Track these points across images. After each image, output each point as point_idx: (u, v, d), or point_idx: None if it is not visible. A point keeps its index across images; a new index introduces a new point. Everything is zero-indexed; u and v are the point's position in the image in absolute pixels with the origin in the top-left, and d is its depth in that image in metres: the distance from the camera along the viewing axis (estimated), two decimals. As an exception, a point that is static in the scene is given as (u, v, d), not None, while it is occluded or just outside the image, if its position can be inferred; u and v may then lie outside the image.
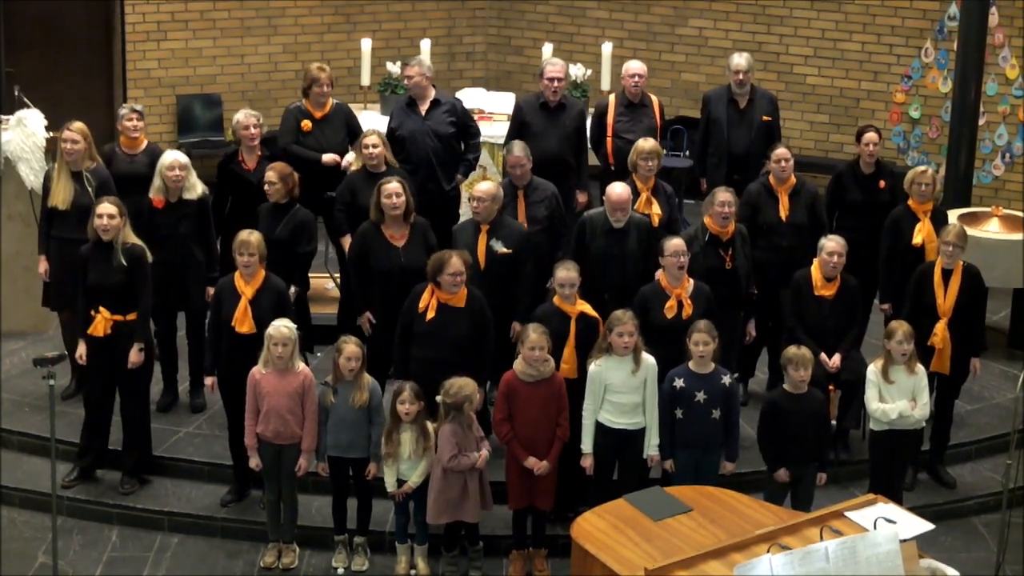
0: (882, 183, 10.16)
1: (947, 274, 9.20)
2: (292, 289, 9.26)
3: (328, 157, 10.28)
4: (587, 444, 8.45)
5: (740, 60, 10.98)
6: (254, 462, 8.52)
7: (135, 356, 8.93)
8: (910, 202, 9.84)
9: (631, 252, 9.20)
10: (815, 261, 9.26)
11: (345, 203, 9.83)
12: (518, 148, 9.75)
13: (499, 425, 8.38)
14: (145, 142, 10.14)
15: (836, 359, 9.10)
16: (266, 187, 9.50)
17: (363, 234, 9.29)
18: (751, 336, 9.58)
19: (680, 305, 8.75)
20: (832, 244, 9.16)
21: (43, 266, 9.70)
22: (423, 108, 10.59)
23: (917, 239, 9.66)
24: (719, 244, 9.29)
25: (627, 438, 8.42)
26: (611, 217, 9.21)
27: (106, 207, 8.85)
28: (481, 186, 9.28)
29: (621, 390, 8.33)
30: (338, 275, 10.58)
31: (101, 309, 8.86)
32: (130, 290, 8.91)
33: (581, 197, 10.69)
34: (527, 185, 9.68)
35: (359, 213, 9.57)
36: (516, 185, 9.66)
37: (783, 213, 9.79)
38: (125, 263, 8.86)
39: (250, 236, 8.80)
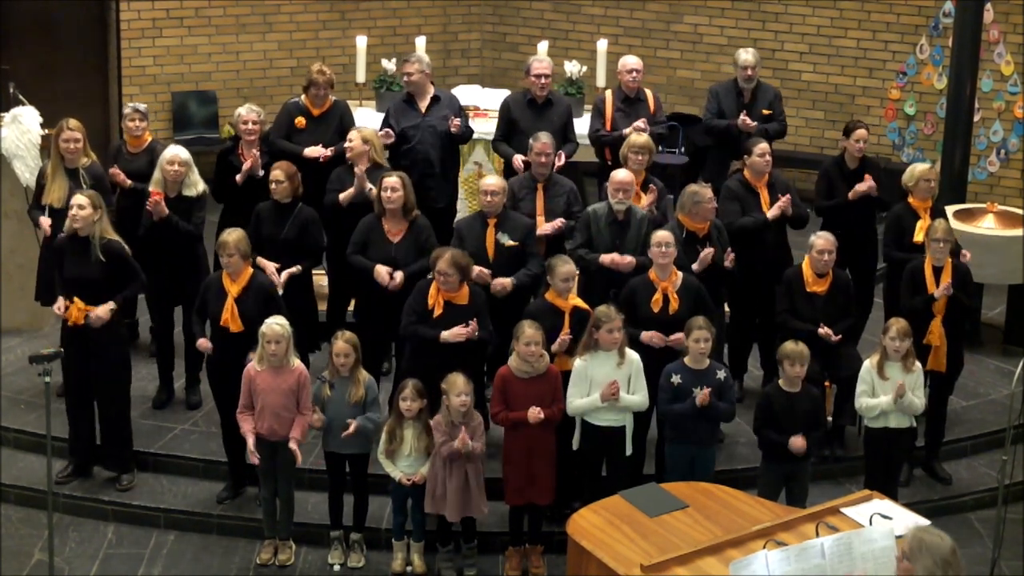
0: (867, 177, 10.18)
1: (937, 271, 9.21)
2: (296, 268, 9.34)
3: (310, 150, 10.27)
4: (576, 441, 8.48)
5: (748, 56, 11.05)
6: (251, 443, 8.40)
7: (103, 311, 8.79)
8: (911, 200, 9.85)
9: (632, 244, 9.22)
10: (806, 258, 9.27)
11: (333, 191, 9.93)
12: (545, 135, 9.76)
13: (495, 416, 8.39)
14: (148, 140, 10.16)
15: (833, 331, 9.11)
16: (273, 185, 9.47)
17: (365, 225, 9.37)
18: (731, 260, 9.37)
19: (666, 299, 8.76)
20: (822, 242, 9.16)
21: (45, 221, 9.63)
22: (423, 105, 10.58)
23: (919, 236, 9.65)
24: (696, 241, 9.28)
25: (611, 436, 8.42)
26: (613, 200, 9.23)
27: (78, 198, 8.84)
28: (490, 180, 9.32)
29: (606, 384, 8.35)
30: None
31: (75, 300, 8.86)
32: (108, 284, 8.88)
33: None
34: (547, 179, 9.70)
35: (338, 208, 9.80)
36: (537, 178, 9.67)
37: (766, 208, 9.80)
38: (103, 258, 8.85)
39: (228, 236, 8.79)
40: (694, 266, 9.12)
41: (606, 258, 9.19)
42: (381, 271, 9.14)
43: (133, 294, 9.10)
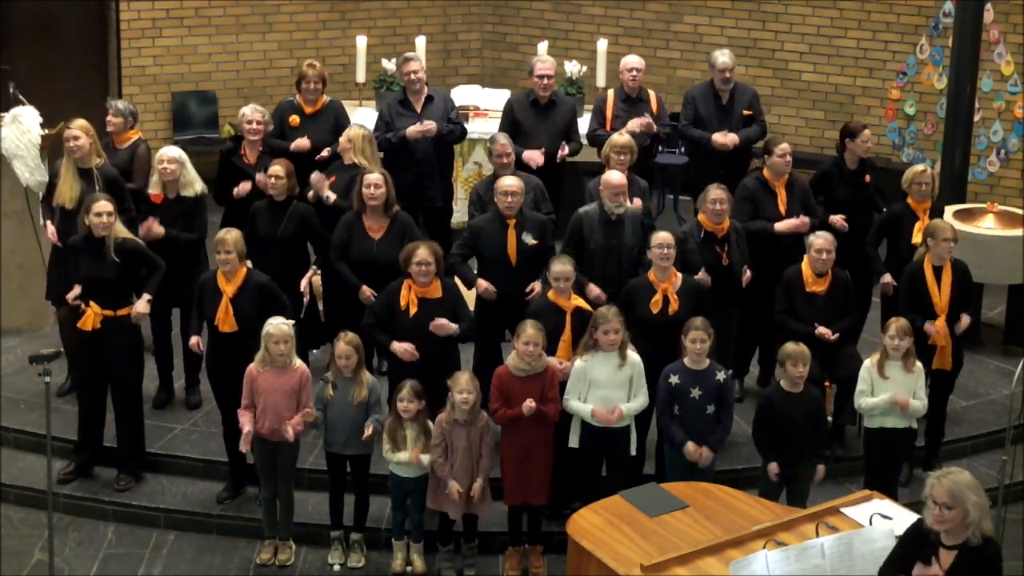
0: (867, 178, 10.20)
1: (937, 271, 9.22)
2: (311, 271, 9.43)
3: (298, 143, 10.26)
4: (574, 439, 8.46)
5: (726, 58, 11.01)
6: (247, 431, 8.34)
7: (142, 307, 8.91)
8: (909, 201, 9.86)
9: (627, 245, 9.22)
10: (805, 258, 9.27)
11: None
12: (503, 137, 9.84)
13: (494, 413, 8.39)
14: (132, 139, 10.13)
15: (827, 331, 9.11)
16: (272, 181, 9.46)
17: (345, 223, 9.38)
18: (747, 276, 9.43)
19: (666, 300, 8.75)
20: (821, 241, 9.17)
21: (51, 228, 9.63)
22: (418, 105, 10.59)
23: (918, 237, 9.65)
24: (714, 241, 9.30)
25: (612, 436, 8.42)
26: (611, 203, 9.21)
27: (103, 205, 8.83)
28: (509, 180, 9.26)
29: (607, 386, 8.33)
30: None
31: (92, 303, 8.85)
32: (124, 283, 8.90)
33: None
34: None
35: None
36: (501, 176, 9.68)
37: (782, 208, 9.82)
38: (118, 259, 8.85)
39: (227, 234, 8.79)
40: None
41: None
42: (367, 292, 9.14)
43: (157, 281, 9.05)
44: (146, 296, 8.97)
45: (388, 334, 8.68)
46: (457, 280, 9.07)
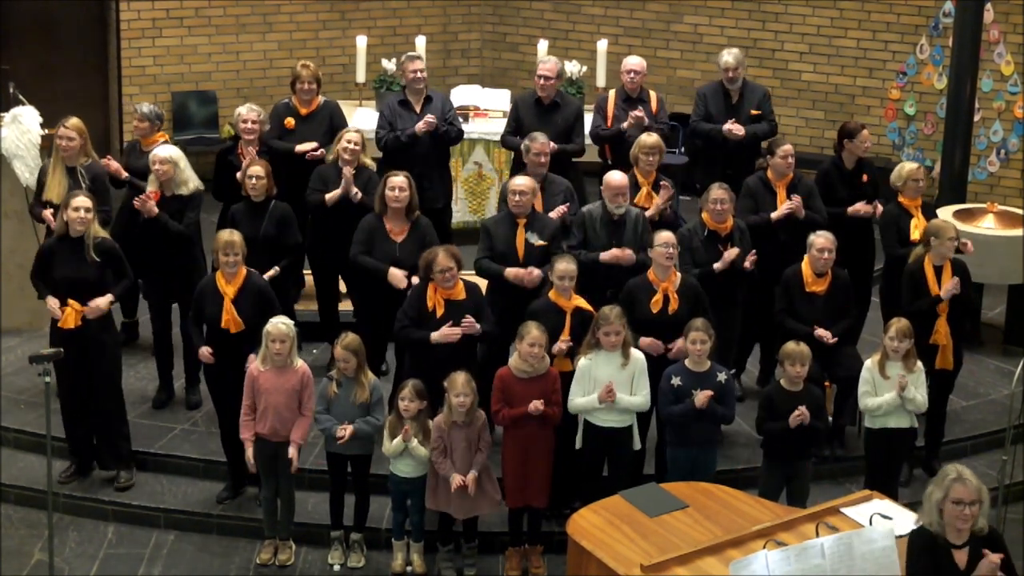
0: (865, 177, 10.20)
1: (937, 271, 9.22)
2: (274, 269, 9.33)
3: (302, 147, 10.25)
4: (580, 440, 8.45)
5: (729, 58, 11.04)
6: (250, 454, 8.46)
7: (104, 303, 8.81)
8: (901, 199, 9.87)
9: (629, 244, 9.21)
10: (805, 257, 9.27)
11: (316, 190, 9.88)
12: (542, 136, 9.78)
13: (495, 415, 8.39)
14: (159, 141, 10.15)
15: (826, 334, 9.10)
16: (253, 181, 9.46)
17: (367, 225, 9.34)
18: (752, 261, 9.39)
19: (666, 300, 8.75)
20: (822, 240, 9.17)
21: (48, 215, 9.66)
22: (418, 106, 10.59)
23: (915, 235, 9.67)
24: (718, 239, 9.30)
25: (615, 437, 8.42)
26: (611, 204, 9.22)
27: (82, 201, 8.82)
28: (519, 180, 9.26)
29: None
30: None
31: (70, 302, 8.84)
32: (103, 283, 8.88)
33: None
34: (545, 178, 9.71)
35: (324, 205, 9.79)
36: (534, 178, 9.66)
37: (780, 208, 9.83)
38: (98, 258, 8.84)
39: (233, 236, 8.78)
40: (716, 265, 9.13)
41: (607, 255, 9.16)
42: (396, 275, 9.11)
43: (124, 291, 9.09)
44: (109, 297, 8.89)
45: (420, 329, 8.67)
46: (476, 279, 9.06)
